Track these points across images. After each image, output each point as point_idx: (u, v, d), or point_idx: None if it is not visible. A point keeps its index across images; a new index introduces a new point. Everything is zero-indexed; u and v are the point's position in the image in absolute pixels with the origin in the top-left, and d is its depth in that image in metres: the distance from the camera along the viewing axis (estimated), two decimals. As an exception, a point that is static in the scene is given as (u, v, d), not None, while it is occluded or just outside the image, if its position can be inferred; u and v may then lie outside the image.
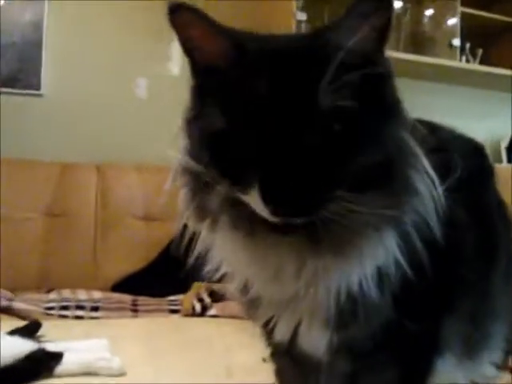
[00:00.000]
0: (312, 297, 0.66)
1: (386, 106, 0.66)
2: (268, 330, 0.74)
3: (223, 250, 0.70)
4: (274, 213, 0.58)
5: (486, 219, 0.83)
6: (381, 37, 0.63)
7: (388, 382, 0.75)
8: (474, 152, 0.90)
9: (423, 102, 2.95)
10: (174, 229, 2.43)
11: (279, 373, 0.83)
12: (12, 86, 2.41)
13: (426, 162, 0.65)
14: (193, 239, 0.72)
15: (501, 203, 0.93)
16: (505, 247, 0.88)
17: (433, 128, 0.83)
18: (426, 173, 0.65)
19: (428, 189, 0.65)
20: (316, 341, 0.70)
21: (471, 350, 0.85)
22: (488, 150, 1.00)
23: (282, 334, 0.72)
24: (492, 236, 0.84)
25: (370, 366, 0.74)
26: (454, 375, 0.87)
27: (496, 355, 0.92)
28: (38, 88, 2.44)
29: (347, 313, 0.66)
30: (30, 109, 2.44)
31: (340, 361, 0.73)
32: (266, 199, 0.57)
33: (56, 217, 2.25)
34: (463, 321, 0.78)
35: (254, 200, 0.59)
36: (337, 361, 0.73)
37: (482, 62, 3.04)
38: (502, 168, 2.41)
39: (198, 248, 0.71)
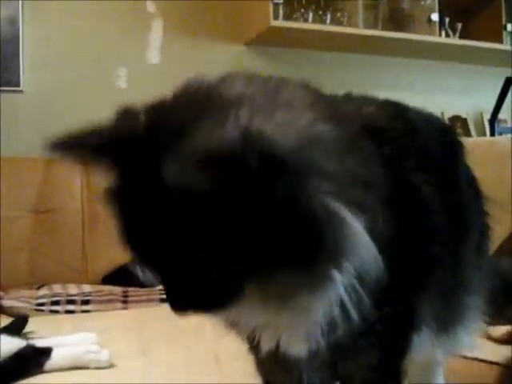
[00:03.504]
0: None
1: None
2: (251, 341, 0.75)
3: None
4: (172, 308, 0.59)
5: (456, 196, 0.83)
6: None
7: (368, 365, 0.76)
8: (442, 130, 0.91)
9: (405, 79, 2.98)
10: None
11: (260, 365, 0.84)
12: (-8, 84, 2.39)
13: (341, 210, 0.55)
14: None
15: (472, 179, 0.94)
16: (476, 222, 0.90)
17: (401, 110, 0.84)
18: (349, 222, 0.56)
19: (355, 236, 0.57)
20: (298, 349, 0.70)
21: (447, 324, 0.87)
22: (471, 124, 1.01)
23: (265, 347, 0.71)
24: (463, 212, 0.84)
25: (349, 352, 0.75)
26: (431, 350, 0.89)
27: (472, 327, 0.94)
28: (17, 84, 2.43)
29: (328, 329, 0.65)
30: (11, 106, 2.43)
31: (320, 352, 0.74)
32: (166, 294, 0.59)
33: (43, 213, 2.25)
34: (438, 296, 0.80)
35: None
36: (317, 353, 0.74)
37: (461, 36, 3.05)
38: (484, 141, 2.42)
39: None
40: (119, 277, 2.13)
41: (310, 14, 2.72)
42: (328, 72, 2.87)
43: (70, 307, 1.85)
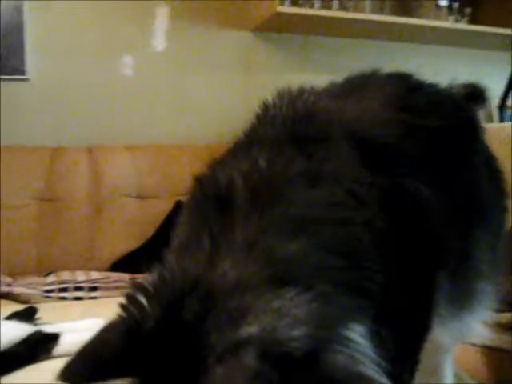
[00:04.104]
0: None
1: None
2: None
3: None
4: None
5: (470, 176, 0.82)
6: None
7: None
8: (458, 108, 0.89)
9: (412, 65, 2.94)
10: (167, 206, 2.45)
11: None
12: (-3, 72, 2.39)
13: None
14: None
15: (490, 158, 0.92)
16: (492, 203, 0.88)
17: (415, 86, 0.83)
18: None
19: None
20: None
21: (457, 310, 0.85)
22: (479, 110, 0.99)
23: None
24: (477, 193, 0.83)
25: None
26: (440, 336, 0.88)
27: (482, 314, 0.93)
28: (22, 73, 2.42)
29: None
30: (17, 94, 2.43)
31: None
32: None
33: (50, 201, 2.25)
34: (449, 282, 0.78)
35: None
36: None
37: (470, 22, 3.01)
38: (493, 127, 2.40)
39: None
40: (127, 264, 2.14)
41: (316, 0, 2.69)
42: (334, 58, 2.85)
43: (78, 294, 1.87)
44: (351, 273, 0.60)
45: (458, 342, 1.00)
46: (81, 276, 2.01)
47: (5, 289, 1.84)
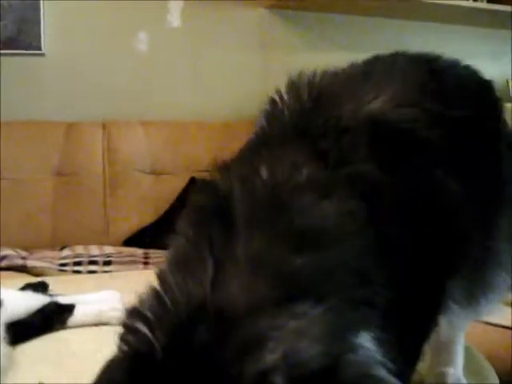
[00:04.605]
0: None
1: None
2: None
3: None
4: None
5: (493, 161, 0.79)
6: None
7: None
8: (482, 90, 0.86)
9: (432, 45, 2.90)
10: (181, 182, 2.45)
11: None
12: (13, 48, 2.39)
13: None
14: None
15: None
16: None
17: (439, 68, 0.80)
18: None
19: None
20: None
21: (473, 295, 0.83)
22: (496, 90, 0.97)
23: None
24: (501, 183, 0.80)
25: None
26: (454, 321, 0.87)
27: (498, 296, 0.91)
28: (39, 48, 2.42)
29: None
30: (33, 70, 2.43)
31: None
32: None
33: (65, 176, 2.27)
34: (467, 271, 0.76)
35: None
36: None
37: (490, 1, 2.96)
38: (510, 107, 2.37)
39: None
40: (140, 239, 2.16)
41: (334, -23, 2.66)
42: (352, 36, 2.82)
43: (92, 268, 1.88)
44: (360, 288, 0.58)
45: (471, 321, 1.00)
46: (95, 250, 2.03)
47: (20, 262, 1.86)
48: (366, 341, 0.55)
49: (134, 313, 0.54)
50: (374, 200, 0.62)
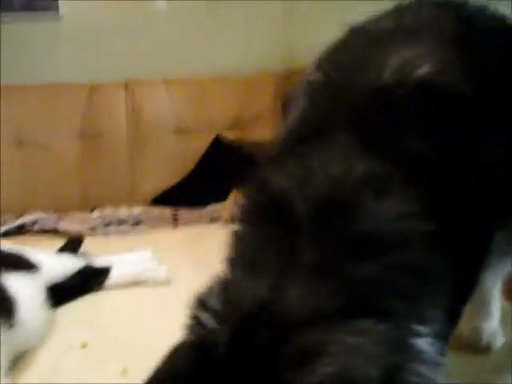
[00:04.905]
0: None
1: None
2: None
3: None
4: None
5: None
6: None
7: None
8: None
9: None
10: (206, 140, 2.43)
11: None
12: (31, 11, 2.36)
13: None
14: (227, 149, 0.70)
15: None
16: None
17: (470, 15, 0.77)
18: None
19: None
20: None
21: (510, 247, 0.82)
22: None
23: None
24: None
25: None
26: (491, 271, 0.87)
27: None
28: (56, 9, 2.39)
29: None
30: (52, 32, 2.40)
31: None
32: None
33: (90, 138, 2.26)
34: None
35: None
36: None
37: None
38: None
39: None
40: (168, 198, 2.16)
41: None
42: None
43: (123, 228, 1.90)
44: (423, 294, 0.58)
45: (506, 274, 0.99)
46: (123, 211, 2.04)
47: (51, 225, 1.89)
48: (424, 342, 0.54)
49: (202, 304, 0.57)
50: (431, 184, 0.60)
